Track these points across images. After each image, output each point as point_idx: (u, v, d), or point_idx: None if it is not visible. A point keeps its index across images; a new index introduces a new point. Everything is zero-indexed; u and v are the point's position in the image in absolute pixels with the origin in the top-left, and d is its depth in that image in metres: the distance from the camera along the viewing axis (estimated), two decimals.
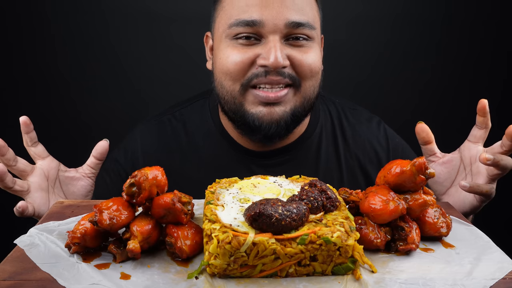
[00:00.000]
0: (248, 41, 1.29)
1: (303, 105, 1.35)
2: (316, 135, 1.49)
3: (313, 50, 1.33)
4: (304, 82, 1.32)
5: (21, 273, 0.84)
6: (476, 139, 1.24)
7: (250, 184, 1.03)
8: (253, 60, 1.29)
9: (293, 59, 1.29)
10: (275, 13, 1.26)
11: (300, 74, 1.31)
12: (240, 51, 1.29)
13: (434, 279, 0.85)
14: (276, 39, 1.27)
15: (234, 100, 1.33)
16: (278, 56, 1.25)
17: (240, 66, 1.29)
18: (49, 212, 1.11)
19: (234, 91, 1.32)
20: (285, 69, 1.28)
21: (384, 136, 1.53)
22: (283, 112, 1.31)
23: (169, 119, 1.52)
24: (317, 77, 1.35)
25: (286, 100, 1.31)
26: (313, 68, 1.32)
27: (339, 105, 1.57)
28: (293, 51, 1.29)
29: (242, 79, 1.30)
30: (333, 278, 0.86)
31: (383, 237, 0.94)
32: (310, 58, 1.31)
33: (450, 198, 1.27)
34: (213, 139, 1.47)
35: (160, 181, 0.92)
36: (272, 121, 1.31)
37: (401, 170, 0.95)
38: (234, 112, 1.35)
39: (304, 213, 0.86)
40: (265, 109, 1.31)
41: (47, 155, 1.27)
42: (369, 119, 1.56)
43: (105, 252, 0.92)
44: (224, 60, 1.31)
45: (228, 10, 1.32)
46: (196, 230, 0.93)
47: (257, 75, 1.29)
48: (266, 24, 1.26)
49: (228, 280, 0.84)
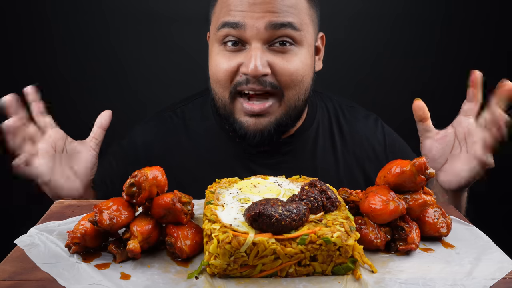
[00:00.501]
0: (234, 47, 1.31)
1: (288, 114, 1.36)
2: (312, 130, 1.51)
3: (298, 57, 1.31)
4: (287, 91, 1.32)
5: (21, 273, 0.84)
6: (467, 113, 1.23)
7: (250, 184, 1.03)
8: (237, 68, 1.31)
9: (274, 67, 1.29)
10: (257, 16, 1.27)
11: (282, 83, 1.31)
12: (227, 58, 1.31)
13: (434, 279, 0.85)
14: (257, 46, 1.27)
15: (225, 107, 1.37)
16: (258, 65, 1.26)
17: (227, 74, 1.32)
18: (49, 212, 1.11)
19: (224, 98, 1.35)
20: (266, 77, 1.29)
21: (382, 133, 1.55)
22: (268, 122, 1.34)
23: (170, 116, 1.54)
24: (301, 85, 1.34)
25: (271, 112, 1.33)
26: (294, 77, 1.31)
27: (337, 102, 1.59)
28: (276, 58, 1.29)
29: (229, 87, 1.33)
30: (333, 278, 0.86)
31: (383, 237, 0.94)
32: (293, 66, 1.30)
33: (445, 174, 1.26)
34: (213, 136, 1.49)
35: (160, 181, 0.92)
36: (257, 131, 1.34)
37: (401, 170, 0.96)
38: (226, 118, 1.38)
39: (304, 213, 0.86)
40: (251, 119, 1.34)
41: (54, 125, 1.26)
42: (367, 116, 1.58)
43: (105, 252, 0.92)
44: (214, 68, 1.35)
45: (217, 13, 1.35)
46: (196, 230, 0.93)
47: (241, 82, 1.31)
48: (248, 27, 1.27)
49: (228, 280, 0.84)
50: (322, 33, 1.47)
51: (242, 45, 1.30)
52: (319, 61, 1.48)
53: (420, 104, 1.25)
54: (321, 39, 1.48)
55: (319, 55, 1.48)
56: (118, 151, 1.53)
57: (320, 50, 1.48)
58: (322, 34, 1.47)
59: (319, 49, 1.47)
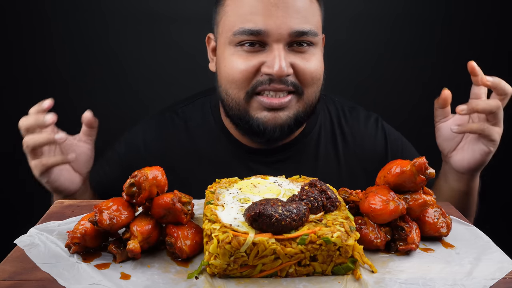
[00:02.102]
0: (252, 48, 1.30)
1: (306, 110, 1.38)
2: (315, 133, 1.51)
3: (316, 57, 1.35)
4: (306, 89, 1.35)
5: (21, 273, 0.85)
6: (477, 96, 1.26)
7: (250, 184, 1.03)
8: (258, 68, 1.30)
9: (296, 67, 1.31)
10: (279, 23, 1.27)
11: (303, 82, 1.33)
12: (244, 59, 1.30)
13: (434, 279, 0.85)
14: (280, 47, 1.28)
15: (239, 107, 1.35)
16: (283, 65, 1.27)
17: (245, 74, 1.31)
18: (49, 212, 1.11)
19: (239, 99, 1.34)
20: (288, 77, 1.31)
21: (382, 134, 1.55)
22: (287, 117, 1.34)
23: (171, 116, 1.54)
24: (318, 83, 1.37)
25: (290, 106, 1.34)
26: (314, 76, 1.34)
27: (339, 104, 1.59)
28: (296, 59, 1.31)
29: (247, 87, 1.32)
30: (333, 278, 0.86)
31: (383, 237, 0.94)
32: (313, 66, 1.33)
33: (461, 152, 1.30)
34: (214, 137, 1.49)
35: (160, 181, 0.92)
36: (276, 125, 1.34)
37: (401, 170, 0.96)
38: (239, 117, 1.37)
39: (304, 213, 0.86)
40: (269, 114, 1.33)
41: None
42: (368, 117, 1.58)
43: (105, 252, 0.92)
44: (229, 69, 1.33)
45: (231, 16, 1.32)
46: (196, 230, 0.93)
47: (262, 82, 1.31)
48: (271, 33, 1.27)
49: (228, 280, 0.84)
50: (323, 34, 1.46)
51: (260, 46, 1.30)
52: None
53: (448, 93, 1.29)
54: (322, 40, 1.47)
55: None
56: (112, 157, 1.53)
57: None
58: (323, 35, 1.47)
59: None
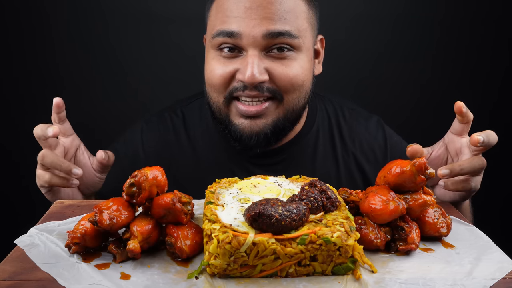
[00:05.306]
0: (231, 53, 1.29)
1: (286, 117, 1.34)
2: (312, 134, 1.49)
3: (297, 62, 1.30)
4: (287, 96, 1.31)
5: (21, 273, 0.84)
6: (459, 132, 1.21)
7: (250, 184, 1.03)
8: (233, 74, 1.30)
9: (273, 73, 1.28)
10: (253, 24, 1.24)
11: (282, 88, 1.30)
12: (222, 64, 1.30)
13: (434, 279, 0.85)
14: (254, 54, 1.26)
15: (220, 111, 1.36)
16: (255, 72, 1.24)
17: (221, 80, 1.31)
18: (49, 212, 1.11)
19: (219, 103, 1.34)
20: (264, 83, 1.28)
21: (382, 135, 1.53)
22: (264, 124, 1.32)
23: (170, 116, 1.54)
24: (301, 90, 1.33)
25: (267, 113, 1.32)
26: (294, 82, 1.30)
27: (338, 104, 1.57)
28: (274, 64, 1.28)
29: (224, 92, 1.32)
30: (333, 278, 0.86)
31: (383, 237, 0.94)
32: (293, 71, 1.29)
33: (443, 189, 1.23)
34: (212, 138, 1.49)
35: (160, 181, 0.92)
36: (253, 133, 1.32)
37: (401, 170, 0.96)
38: (220, 121, 1.37)
39: (304, 213, 0.86)
40: (246, 121, 1.32)
41: (71, 133, 1.27)
42: (367, 118, 1.56)
43: (105, 252, 0.92)
44: (209, 73, 1.34)
45: (213, 20, 1.33)
46: (196, 230, 0.93)
47: (237, 88, 1.30)
48: (244, 35, 1.25)
49: (228, 280, 0.84)
50: (321, 35, 1.44)
51: (238, 52, 1.29)
52: (318, 65, 1.46)
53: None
54: (321, 42, 1.45)
55: (319, 58, 1.46)
56: None
57: (319, 53, 1.45)
58: (322, 37, 1.44)
59: (318, 52, 1.45)
